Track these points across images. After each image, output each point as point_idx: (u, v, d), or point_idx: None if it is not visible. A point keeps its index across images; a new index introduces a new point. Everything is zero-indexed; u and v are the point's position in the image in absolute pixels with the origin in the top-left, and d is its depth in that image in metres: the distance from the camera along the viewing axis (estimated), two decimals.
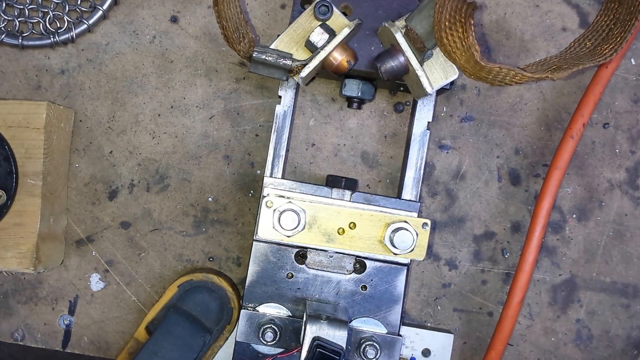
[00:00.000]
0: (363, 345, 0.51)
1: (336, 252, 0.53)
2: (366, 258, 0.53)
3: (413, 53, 0.48)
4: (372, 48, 0.51)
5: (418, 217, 0.52)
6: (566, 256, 0.59)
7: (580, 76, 0.59)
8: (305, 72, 0.49)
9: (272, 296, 0.53)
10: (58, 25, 0.58)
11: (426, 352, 0.57)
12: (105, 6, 0.58)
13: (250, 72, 0.52)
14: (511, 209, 0.59)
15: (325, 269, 0.53)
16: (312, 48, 0.49)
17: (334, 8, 0.50)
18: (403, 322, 0.56)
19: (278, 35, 0.51)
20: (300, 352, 0.48)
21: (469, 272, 0.59)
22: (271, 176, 0.54)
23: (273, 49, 0.49)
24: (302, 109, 0.59)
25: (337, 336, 0.48)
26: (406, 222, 0.51)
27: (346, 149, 0.59)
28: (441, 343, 0.57)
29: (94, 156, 0.59)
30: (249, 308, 0.53)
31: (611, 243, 0.59)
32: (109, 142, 0.59)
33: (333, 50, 0.49)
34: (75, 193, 0.59)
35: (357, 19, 0.49)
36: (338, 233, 0.51)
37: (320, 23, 0.50)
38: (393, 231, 0.51)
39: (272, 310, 0.53)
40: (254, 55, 0.48)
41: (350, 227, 0.51)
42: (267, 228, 0.51)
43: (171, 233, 0.59)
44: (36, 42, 0.58)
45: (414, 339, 0.57)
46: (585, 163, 0.59)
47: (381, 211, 0.52)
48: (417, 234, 0.51)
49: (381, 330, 0.53)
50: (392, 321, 0.53)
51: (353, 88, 0.54)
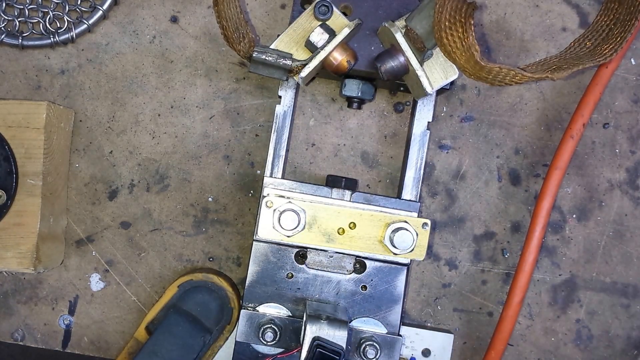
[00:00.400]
0: (363, 345, 0.51)
1: (336, 252, 0.53)
2: (366, 258, 0.53)
3: (413, 53, 0.48)
4: (372, 48, 0.51)
5: (418, 217, 0.52)
6: (566, 256, 0.59)
7: (580, 76, 0.59)
8: (305, 72, 0.49)
9: (272, 296, 0.53)
10: (58, 25, 0.58)
11: (426, 352, 0.57)
12: (105, 6, 0.58)
13: (250, 72, 0.52)
14: (511, 209, 0.59)
15: (325, 269, 0.53)
16: (312, 48, 0.49)
17: (334, 8, 0.50)
18: (403, 322, 0.56)
19: (278, 35, 0.51)
20: (300, 352, 0.48)
21: (469, 272, 0.59)
22: (271, 176, 0.53)
23: (273, 49, 0.49)
24: (302, 109, 0.59)
25: (337, 336, 0.48)
26: (406, 222, 0.51)
27: (346, 149, 0.59)
28: (441, 343, 0.57)
29: (94, 156, 0.59)
30: (249, 308, 0.53)
31: (611, 243, 0.59)
32: (109, 142, 0.59)
33: (333, 50, 0.49)
34: (75, 193, 0.59)
35: (357, 19, 0.49)
36: (338, 233, 0.51)
37: (320, 23, 0.50)
38: (393, 231, 0.51)
39: (272, 310, 0.53)
40: (254, 55, 0.48)
41: (350, 227, 0.51)
42: (267, 228, 0.51)
43: (171, 233, 0.59)
44: (36, 42, 0.58)
45: (414, 339, 0.57)
46: (585, 163, 0.59)
47: (381, 211, 0.52)
48: (417, 234, 0.51)
49: (381, 330, 0.53)
50: (392, 321, 0.53)
51: (353, 88, 0.54)
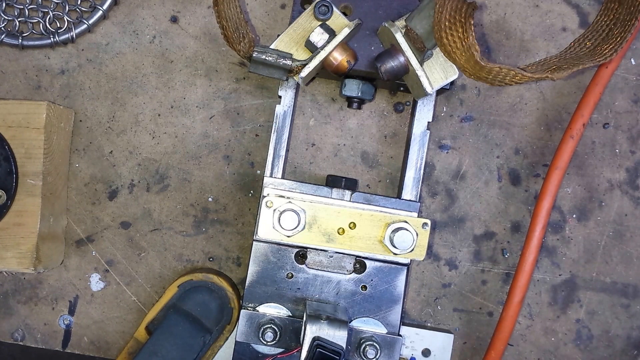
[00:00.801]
0: (363, 345, 0.51)
1: (336, 252, 0.53)
2: (366, 258, 0.53)
3: (413, 53, 0.48)
4: (372, 48, 0.51)
5: (418, 217, 0.52)
6: (566, 256, 0.59)
7: (580, 76, 0.59)
8: (305, 72, 0.49)
9: (272, 296, 0.53)
10: (58, 25, 0.58)
11: (426, 352, 0.57)
12: (105, 6, 0.58)
13: (250, 72, 0.52)
14: (511, 209, 0.59)
15: (325, 269, 0.53)
16: (312, 48, 0.49)
17: (334, 8, 0.50)
18: (403, 322, 0.56)
19: (278, 35, 0.51)
20: (300, 352, 0.48)
21: (469, 272, 0.59)
22: (271, 176, 0.54)
23: (273, 49, 0.49)
24: (302, 109, 0.59)
25: (337, 336, 0.48)
26: (406, 222, 0.51)
27: (346, 149, 0.59)
28: (441, 343, 0.57)
29: (94, 156, 0.59)
30: (249, 308, 0.53)
31: (611, 243, 0.59)
32: (109, 142, 0.59)
33: (333, 50, 0.49)
34: (75, 193, 0.59)
35: (357, 19, 0.49)
36: (338, 233, 0.51)
37: (320, 23, 0.50)
38: (393, 231, 0.51)
39: (272, 310, 0.53)
40: (254, 55, 0.48)
41: (350, 227, 0.51)
42: (267, 228, 0.51)
43: (171, 233, 0.59)
44: (36, 42, 0.58)
45: (414, 339, 0.57)
46: (585, 163, 0.59)
47: (381, 211, 0.52)
48: (417, 234, 0.51)
49: (381, 330, 0.53)
50: (392, 321, 0.53)
51: (353, 88, 0.54)
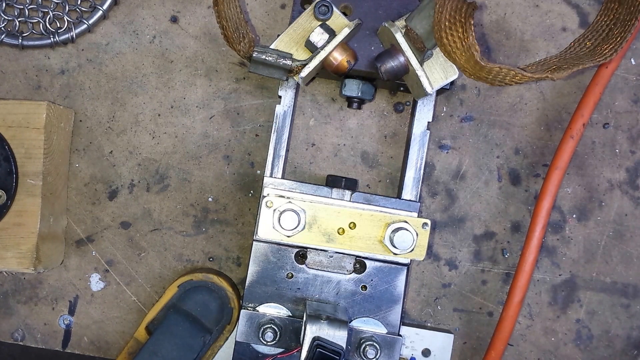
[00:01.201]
0: (363, 345, 0.51)
1: (336, 252, 0.53)
2: (366, 258, 0.53)
3: (413, 53, 0.48)
4: (372, 48, 0.51)
5: (418, 217, 0.52)
6: (566, 256, 0.59)
7: (580, 76, 0.59)
8: (305, 72, 0.49)
9: (272, 296, 0.53)
10: (58, 25, 0.58)
11: (426, 352, 0.57)
12: (105, 6, 0.58)
13: (250, 72, 0.52)
14: (511, 209, 0.59)
15: (325, 269, 0.53)
16: (312, 48, 0.49)
17: (334, 8, 0.50)
18: (403, 322, 0.56)
19: (278, 35, 0.51)
20: (300, 352, 0.48)
21: (469, 272, 0.59)
22: (271, 176, 0.54)
23: (273, 49, 0.49)
24: (302, 109, 0.59)
25: (337, 336, 0.48)
26: (406, 222, 0.51)
27: (346, 149, 0.59)
28: (441, 343, 0.57)
29: (94, 156, 0.59)
30: (249, 308, 0.53)
31: (611, 243, 0.59)
32: (109, 142, 0.59)
33: (333, 50, 0.49)
34: (75, 193, 0.59)
35: (357, 19, 0.49)
36: (338, 233, 0.51)
37: (320, 23, 0.50)
38: (393, 231, 0.51)
39: (272, 310, 0.53)
40: (254, 55, 0.48)
41: (350, 227, 0.51)
42: (267, 228, 0.51)
43: (171, 233, 0.59)
44: (36, 42, 0.58)
45: (414, 339, 0.57)
46: (585, 163, 0.59)
47: (381, 211, 0.52)
48: (417, 234, 0.51)
49: (381, 330, 0.53)
50: (392, 321, 0.53)
51: (353, 88, 0.54)
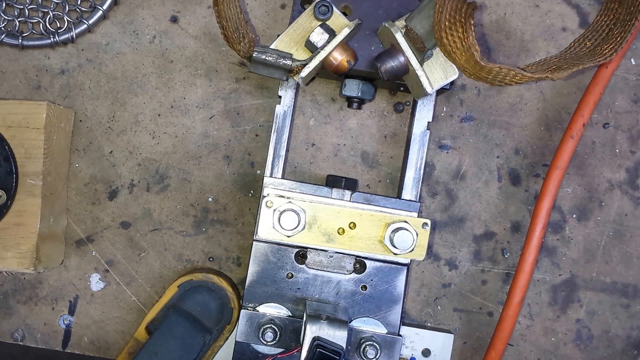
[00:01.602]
0: (363, 345, 0.51)
1: (336, 252, 0.53)
2: (366, 258, 0.53)
3: (413, 53, 0.48)
4: (372, 48, 0.51)
5: (418, 217, 0.52)
6: (566, 256, 0.59)
7: (580, 76, 0.59)
8: (305, 72, 0.49)
9: (272, 296, 0.53)
10: (58, 25, 0.58)
11: (426, 352, 0.57)
12: (105, 6, 0.58)
13: (250, 72, 0.52)
14: (511, 209, 0.59)
15: (325, 269, 0.53)
16: (312, 48, 0.49)
17: (334, 8, 0.50)
18: (403, 322, 0.56)
19: (278, 35, 0.51)
20: (300, 352, 0.48)
21: (469, 272, 0.59)
22: (271, 176, 0.53)
23: (273, 49, 0.49)
24: (302, 109, 0.59)
25: (337, 336, 0.48)
26: (406, 222, 0.51)
27: (346, 149, 0.59)
28: (441, 343, 0.57)
29: (94, 156, 0.59)
30: (249, 308, 0.53)
31: (611, 243, 0.59)
32: (109, 142, 0.59)
33: (333, 50, 0.49)
34: (75, 193, 0.59)
35: (357, 19, 0.49)
36: (338, 233, 0.51)
37: (320, 23, 0.50)
38: (393, 231, 0.51)
39: (272, 310, 0.53)
40: (254, 55, 0.48)
41: (350, 227, 0.51)
42: (267, 228, 0.51)
43: (171, 233, 0.59)
44: (36, 42, 0.58)
45: (414, 339, 0.57)
46: (585, 163, 0.59)
47: (381, 211, 0.52)
48: (417, 234, 0.51)
49: (381, 330, 0.53)
50: (392, 321, 0.53)
51: (353, 88, 0.54)
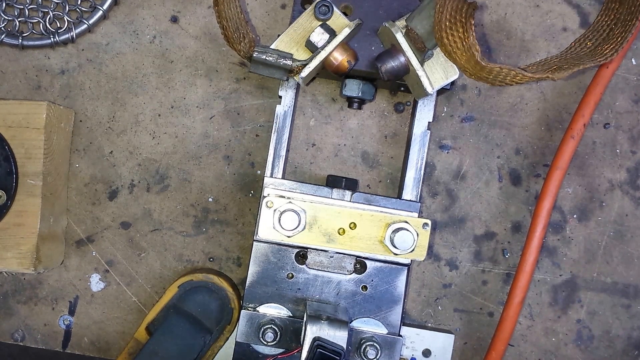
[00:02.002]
0: (363, 345, 0.51)
1: (336, 253, 0.53)
2: (367, 258, 0.53)
3: (413, 53, 0.48)
4: (373, 48, 0.51)
5: (418, 218, 0.52)
6: (567, 256, 0.59)
7: (580, 76, 0.59)
8: (305, 72, 0.49)
9: (273, 296, 0.53)
10: (58, 25, 0.58)
11: (427, 353, 0.57)
12: (105, 6, 0.58)
13: (250, 72, 0.52)
14: (512, 209, 0.59)
15: (325, 269, 0.53)
16: (313, 48, 0.49)
17: (335, 8, 0.50)
18: (403, 323, 0.56)
19: (278, 35, 0.50)
20: (300, 353, 0.48)
21: (470, 273, 0.59)
22: (271, 176, 0.53)
23: (273, 49, 0.49)
24: (303, 109, 0.59)
25: (338, 336, 0.48)
26: (407, 223, 0.51)
27: (346, 149, 0.59)
28: (442, 343, 0.57)
29: (94, 156, 0.59)
30: (249, 308, 0.53)
31: (612, 243, 0.59)
32: (109, 142, 0.59)
33: (333, 50, 0.49)
34: (75, 193, 0.59)
35: (358, 19, 0.49)
36: (338, 233, 0.51)
37: (320, 23, 0.50)
38: (393, 231, 0.51)
39: (273, 310, 0.53)
40: (255, 55, 0.48)
41: (350, 228, 0.51)
42: (268, 228, 0.51)
43: (171, 233, 0.59)
44: (36, 42, 0.58)
45: (415, 339, 0.57)
46: (585, 163, 0.59)
47: (381, 211, 0.52)
48: (418, 234, 0.51)
49: (382, 330, 0.53)
50: (393, 321, 0.53)
51: (353, 88, 0.54)
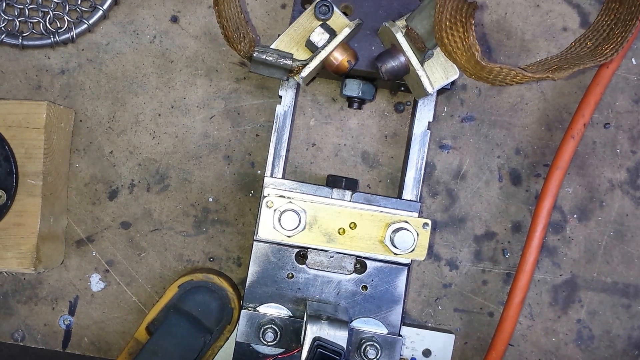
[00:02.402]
0: (363, 345, 0.51)
1: (337, 252, 0.53)
2: (367, 258, 0.53)
3: (414, 53, 0.48)
4: (373, 48, 0.51)
5: (419, 217, 0.52)
6: (567, 256, 0.59)
7: (581, 76, 0.59)
8: (305, 72, 0.49)
9: (273, 296, 0.53)
10: (58, 25, 0.58)
11: (427, 353, 0.57)
12: (105, 6, 0.58)
13: (250, 72, 0.52)
14: (512, 209, 0.59)
15: (325, 269, 0.53)
16: (313, 48, 0.49)
17: (335, 8, 0.50)
18: (404, 323, 0.56)
19: (278, 35, 0.50)
20: (300, 353, 0.48)
21: (470, 272, 0.59)
22: (272, 176, 0.53)
23: (273, 49, 0.49)
24: (303, 109, 0.59)
25: (338, 336, 0.48)
26: (407, 222, 0.51)
27: (347, 149, 0.59)
28: (442, 343, 0.57)
29: (94, 156, 0.59)
30: (250, 308, 0.53)
31: (612, 243, 0.59)
32: (109, 142, 0.59)
33: (333, 50, 0.49)
34: (75, 193, 0.59)
35: (358, 19, 0.49)
36: (338, 233, 0.51)
37: (320, 23, 0.50)
38: (394, 231, 0.51)
39: (273, 310, 0.53)
40: (255, 55, 0.48)
41: (350, 227, 0.51)
42: (268, 228, 0.51)
43: (171, 233, 0.59)
44: (36, 42, 0.58)
45: (415, 339, 0.57)
46: (586, 163, 0.59)
47: (382, 211, 0.52)
48: (418, 234, 0.51)
49: (382, 330, 0.53)
50: (393, 321, 0.53)
51: (354, 88, 0.54)
